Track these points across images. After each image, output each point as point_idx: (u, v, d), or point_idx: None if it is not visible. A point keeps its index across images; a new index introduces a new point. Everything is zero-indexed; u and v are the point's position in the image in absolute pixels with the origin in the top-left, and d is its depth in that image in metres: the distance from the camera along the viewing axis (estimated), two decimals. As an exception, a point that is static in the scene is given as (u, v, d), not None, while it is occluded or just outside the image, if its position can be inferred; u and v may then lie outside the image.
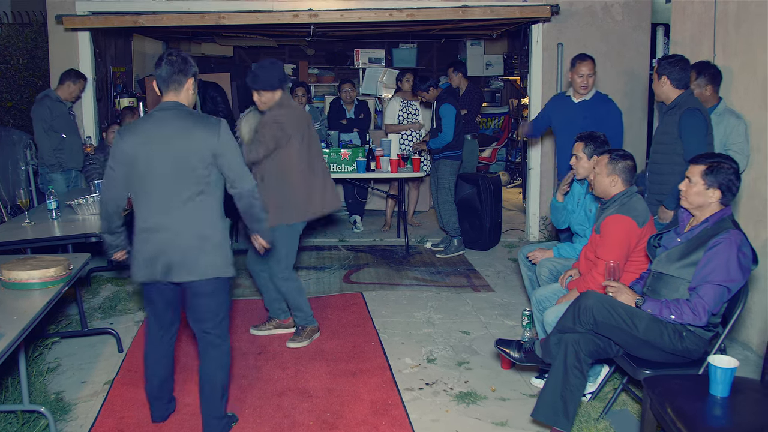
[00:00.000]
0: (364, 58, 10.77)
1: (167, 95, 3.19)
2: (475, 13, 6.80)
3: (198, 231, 3.13)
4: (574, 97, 5.18)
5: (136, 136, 3.11)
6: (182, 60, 3.18)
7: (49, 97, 6.22)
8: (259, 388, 3.94)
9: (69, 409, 3.68)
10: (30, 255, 4.09)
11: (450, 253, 6.75)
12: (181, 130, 3.10)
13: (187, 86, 3.21)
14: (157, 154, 3.08)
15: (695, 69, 4.51)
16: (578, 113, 5.11)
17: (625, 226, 3.64)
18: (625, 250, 3.65)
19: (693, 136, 4.09)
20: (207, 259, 3.14)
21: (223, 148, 3.12)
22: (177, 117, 3.13)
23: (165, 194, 3.11)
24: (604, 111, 5.08)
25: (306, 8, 6.79)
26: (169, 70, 3.15)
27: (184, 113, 3.16)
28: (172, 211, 3.11)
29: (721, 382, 2.69)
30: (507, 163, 11.15)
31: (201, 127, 3.11)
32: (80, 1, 6.87)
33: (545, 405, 3.23)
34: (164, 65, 3.15)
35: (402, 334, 4.76)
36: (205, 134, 3.10)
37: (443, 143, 6.53)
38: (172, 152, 3.07)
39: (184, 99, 3.21)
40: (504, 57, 11.10)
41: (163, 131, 3.10)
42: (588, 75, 5.04)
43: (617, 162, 3.73)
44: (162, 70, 3.16)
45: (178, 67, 3.16)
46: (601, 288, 3.44)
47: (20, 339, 2.92)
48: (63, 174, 6.26)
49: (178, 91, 3.19)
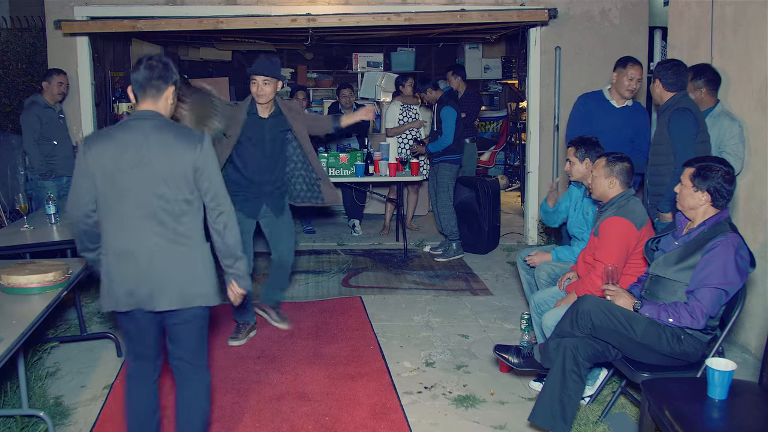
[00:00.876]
0: (362, 62, 10.77)
1: (143, 103, 2.83)
2: (473, 16, 6.82)
3: (180, 256, 2.81)
4: (615, 101, 5.00)
5: (107, 147, 2.75)
6: (163, 65, 2.83)
7: (37, 104, 6.10)
8: (258, 392, 3.94)
9: (68, 414, 3.68)
10: (29, 260, 4.09)
11: (449, 257, 6.76)
12: (160, 144, 2.75)
13: (167, 94, 2.84)
14: (131, 169, 2.73)
15: (692, 71, 4.52)
16: (623, 120, 4.96)
17: (623, 228, 3.64)
18: (624, 252, 3.65)
19: (681, 136, 4.10)
20: (191, 286, 2.84)
21: (203, 163, 2.79)
22: (155, 128, 2.77)
23: (139, 214, 2.76)
24: (642, 118, 5.05)
25: (304, 13, 6.80)
26: (147, 75, 2.80)
27: (163, 124, 2.81)
28: (147, 233, 2.77)
29: (719, 385, 2.69)
30: (505, 166, 11.16)
31: (182, 140, 2.78)
32: (79, 6, 6.88)
33: (543, 409, 3.23)
34: (142, 69, 2.80)
35: (401, 338, 4.76)
36: (186, 149, 2.77)
37: (443, 146, 6.54)
38: (148, 167, 2.73)
39: (162, 108, 2.85)
40: (502, 60, 11.11)
41: (139, 143, 2.73)
42: (638, 80, 4.87)
43: (615, 164, 3.74)
44: (139, 74, 2.80)
45: (158, 73, 2.80)
46: (599, 291, 3.45)
47: (19, 343, 2.92)
48: (54, 181, 6.16)
49: (156, 99, 2.83)
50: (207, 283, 2.89)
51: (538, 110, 7.25)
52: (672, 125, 4.14)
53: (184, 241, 2.82)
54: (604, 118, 4.98)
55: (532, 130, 7.31)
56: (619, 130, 4.89)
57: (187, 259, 2.83)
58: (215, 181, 2.85)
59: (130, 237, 2.78)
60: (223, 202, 2.89)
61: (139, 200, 2.75)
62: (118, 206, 2.77)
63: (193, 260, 2.85)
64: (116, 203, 2.77)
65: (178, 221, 2.80)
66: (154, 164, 2.73)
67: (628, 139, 4.96)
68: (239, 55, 11.79)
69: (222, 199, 2.88)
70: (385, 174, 6.79)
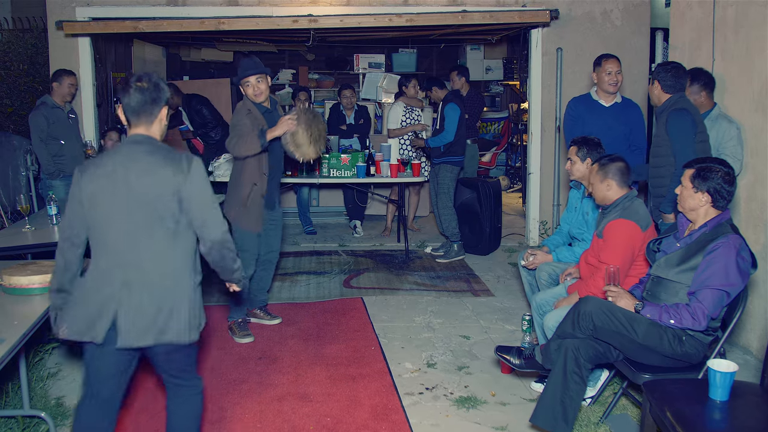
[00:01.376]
0: (363, 63, 10.78)
1: (136, 128, 2.72)
2: (475, 17, 6.82)
3: (162, 288, 2.66)
4: (603, 101, 5.02)
5: (97, 173, 2.66)
6: (154, 86, 2.70)
7: (45, 104, 6.13)
8: (259, 393, 3.94)
9: (69, 415, 3.67)
10: (30, 260, 4.09)
11: (450, 258, 6.76)
12: (148, 169, 2.63)
13: (160, 117, 2.75)
14: (119, 195, 2.62)
15: (689, 75, 4.50)
16: (615, 118, 4.97)
17: (629, 229, 3.64)
18: (629, 254, 3.65)
19: (679, 136, 4.09)
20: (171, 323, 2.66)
21: (190, 190, 2.65)
22: (146, 154, 2.66)
23: (126, 241, 2.64)
24: (635, 115, 5.04)
25: (305, 14, 6.81)
26: (139, 100, 2.68)
27: (155, 148, 2.69)
28: (129, 259, 2.64)
29: (721, 387, 2.69)
30: (507, 167, 11.16)
31: (169, 166, 2.64)
32: (81, 6, 6.89)
33: (544, 410, 3.23)
34: (133, 93, 2.67)
35: (402, 339, 4.76)
36: (173, 174, 2.63)
37: (443, 142, 6.54)
38: (135, 193, 2.62)
39: (155, 131, 2.75)
40: (504, 62, 11.12)
41: (129, 169, 2.63)
42: (617, 72, 4.90)
43: (607, 166, 3.74)
44: (131, 98, 2.68)
45: (150, 96, 2.69)
46: (603, 293, 3.44)
47: (21, 344, 2.93)
48: (63, 180, 6.21)
49: (149, 124, 2.73)
50: (184, 320, 2.69)
51: (539, 111, 7.25)
52: (670, 126, 4.14)
53: (166, 273, 2.67)
54: (596, 118, 4.99)
55: (534, 131, 7.31)
56: (612, 128, 4.89)
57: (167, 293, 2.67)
58: (202, 210, 2.70)
59: (110, 265, 2.65)
60: (208, 233, 2.73)
61: (123, 229, 2.64)
62: (107, 232, 2.66)
63: (174, 295, 2.68)
64: (102, 229, 2.66)
65: (162, 251, 2.67)
66: (142, 189, 2.62)
67: (622, 135, 4.95)
68: (241, 56, 11.79)
69: (207, 230, 2.72)
70: (387, 175, 6.79)
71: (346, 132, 7.75)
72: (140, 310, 2.63)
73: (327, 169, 6.70)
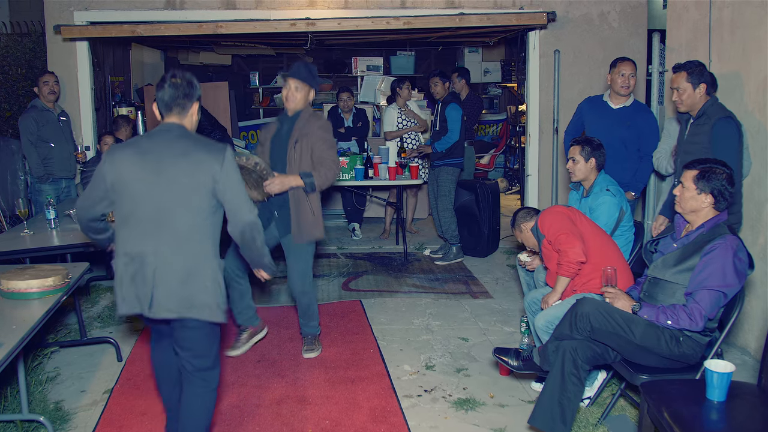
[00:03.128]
0: (362, 66, 10.80)
1: (169, 117, 2.91)
2: (472, 20, 6.84)
3: (189, 265, 2.82)
4: (613, 103, 5.01)
5: (128, 154, 2.82)
6: (187, 83, 2.91)
7: (35, 108, 6.15)
8: (258, 395, 3.95)
9: (68, 419, 3.68)
10: (29, 264, 4.10)
11: (449, 261, 6.76)
12: (181, 153, 2.81)
13: (192, 111, 2.95)
14: (146, 177, 2.78)
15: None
16: (619, 120, 4.94)
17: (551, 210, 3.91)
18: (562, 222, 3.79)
19: (727, 147, 3.90)
20: (197, 298, 2.83)
21: (224, 176, 2.82)
22: (179, 138, 2.86)
23: (155, 221, 2.79)
24: (643, 120, 4.95)
25: (303, 17, 6.82)
26: (172, 94, 2.87)
27: (186, 134, 2.90)
28: (161, 241, 2.80)
29: (718, 387, 2.70)
30: (505, 169, 11.18)
31: (203, 151, 2.82)
32: (78, 11, 6.90)
33: (542, 411, 3.24)
34: (167, 88, 2.88)
35: (401, 341, 4.76)
36: (208, 159, 2.81)
37: (450, 143, 6.49)
38: (167, 176, 2.78)
39: (187, 123, 2.94)
40: (502, 64, 11.15)
41: (161, 152, 2.81)
42: (630, 75, 4.88)
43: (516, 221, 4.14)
44: (164, 93, 2.87)
45: (183, 91, 2.89)
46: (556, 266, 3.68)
47: (19, 348, 2.93)
48: (52, 185, 6.19)
49: (182, 116, 2.92)
50: (211, 296, 2.86)
51: (537, 113, 7.27)
52: (717, 136, 3.93)
53: (193, 252, 2.83)
54: (597, 119, 5.02)
55: (532, 133, 7.33)
56: (613, 131, 4.87)
57: (193, 270, 2.82)
58: (236, 194, 2.86)
59: (143, 243, 2.80)
60: (241, 216, 2.89)
61: (152, 207, 2.79)
62: (132, 212, 2.81)
63: (200, 273, 2.84)
64: (131, 209, 2.81)
65: (190, 231, 2.81)
66: (174, 172, 2.78)
67: (624, 140, 4.90)
68: (239, 60, 11.82)
69: (240, 214, 2.89)
70: (385, 178, 6.80)
71: (345, 135, 7.76)
72: (169, 285, 2.80)
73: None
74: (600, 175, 4.22)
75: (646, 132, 4.94)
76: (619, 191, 4.19)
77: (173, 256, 2.80)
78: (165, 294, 2.80)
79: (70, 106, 6.86)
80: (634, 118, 4.95)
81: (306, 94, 4.26)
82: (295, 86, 4.22)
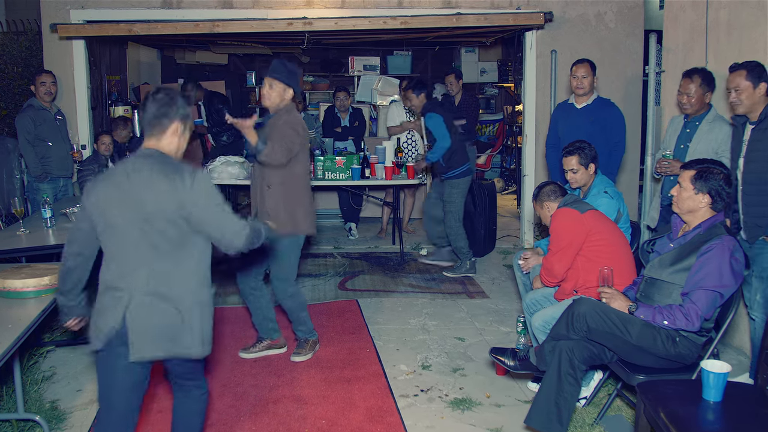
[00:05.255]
0: (358, 65, 10.80)
1: (148, 141, 2.71)
2: (469, 20, 6.83)
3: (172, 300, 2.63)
4: (577, 103, 5.26)
5: (103, 185, 2.66)
6: (168, 99, 2.69)
7: (32, 107, 6.13)
8: (255, 395, 3.94)
9: (64, 418, 3.67)
10: (25, 264, 4.09)
11: (460, 273, 6.39)
12: (149, 184, 2.59)
13: (172, 130, 2.71)
14: (124, 210, 2.60)
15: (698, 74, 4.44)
16: (584, 118, 5.16)
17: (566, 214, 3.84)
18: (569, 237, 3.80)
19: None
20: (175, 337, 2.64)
21: (196, 205, 2.60)
22: (151, 166, 2.62)
23: (133, 252, 2.62)
24: (607, 115, 5.15)
25: (300, 16, 6.81)
26: (150, 111, 2.68)
27: (158, 162, 2.64)
28: (135, 273, 2.61)
29: (714, 387, 2.70)
30: (502, 169, 11.18)
31: (169, 179, 2.59)
32: (75, 9, 6.87)
33: (539, 411, 3.24)
34: (147, 105, 2.69)
35: (397, 341, 4.76)
36: (173, 188, 2.58)
37: (443, 150, 6.06)
38: (139, 208, 2.58)
39: (165, 145, 2.71)
40: (498, 64, 11.15)
41: (133, 182, 2.61)
42: (582, 76, 5.13)
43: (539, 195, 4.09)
44: (145, 111, 2.69)
45: (162, 109, 2.68)
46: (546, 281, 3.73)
47: (15, 347, 2.92)
48: (50, 183, 6.17)
49: (159, 138, 2.70)
50: (195, 334, 2.68)
51: (534, 113, 7.27)
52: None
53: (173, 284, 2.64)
54: (566, 120, 5.33)
55: (528, 133, 7.33)
56: (579, 128, 5.09)
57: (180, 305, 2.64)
58: (219, 218, 2.66)
59: (118, 275, 2.64)
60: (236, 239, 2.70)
61: (130, 238, 2.62)
62: (112, 246, 2.66)
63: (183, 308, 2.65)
64: (109, 241, 2.66)
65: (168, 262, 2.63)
66: (144, 204, 2.59)
67: (591, 135, 4.86)
68: (236, 59, 11.80)
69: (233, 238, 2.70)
70: (382, 177, 6.79)
71: (341, 134, 7.76)
72: (150, 323, 2.61)
73: (322, 172, 6.70)
74: (597, 177, 4.22)
75: (610, 123, 5.14)
76: (616, 193, 4.19)
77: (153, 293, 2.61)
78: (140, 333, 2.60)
79: (66, 104, 6.83)
80: (598, 114, 5.15)
81: (281, 92, 4.20)
82: (269, 84, 4.20)
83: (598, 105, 5.21)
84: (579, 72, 5.15)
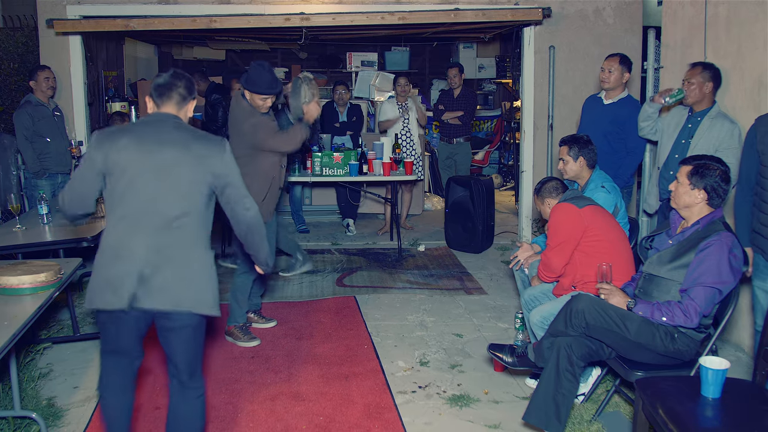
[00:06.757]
0: (356, 61, 10.77)
1: (165, 107, 2.83)
2: (467, 16, 6.81)
3: (181, 256, 2.73)
4: (605, 98, 5.18)
5: (122, 140, 2.70)
6: (188, 80, 2.87)
7: (29, 103, 6.10)
8: (252, 392, 3.93)
9: (61, 415, 3.66)
10: (21, 260, 4.07)
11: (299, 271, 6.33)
12: (178, 143, 2.73)
13: (188, 107, 2.89)
14: (143, 164, 2.68)
15: (702, 66, 4.41)
16: (605, 116, 5.07)
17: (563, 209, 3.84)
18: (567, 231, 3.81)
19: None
20: (190, 290, 2.74)
21: (227, 169, 2.80)
22: (176, 129, 2.77)
23: (146, 210, 2.69)
24: (626, 115, 4.99)
25: (298, 12, 6.79)
26: (172, 82, 2.82)
27: (185, 126, 2.81)
28: (152, 231, 2.69)
29: (713, 384, 2.69)
30: (500, 165, 11.17)
31: (204, 145, 2.77)
32: (71, 5, 6.84)
33: (537, 408, 3.24)
34: (167, 76, 2.83)
35: (395, 337, 4.76)
36: (207, 152, 2.76)
37: None
38: (160, 164, 2.69)
39: (183, 117, 2.87)
40: (496, 60, 11.13)
41: (155, 140, 2.71)
42: (608, 71, 5.02)
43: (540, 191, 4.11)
44: (163, 80, 2.82)
45: (185, 83, 2.85)
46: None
47: (11, 344, 2.90)
48: (48, 179, 6.16)
49: (179, 107, 2.84)
50: (205, 290, 2.79)
51: (532, 109, 7.25)
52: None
53: (189, 243, 2.76)
54: (587, 114, 5.30)
55: (527, 129, 7.31)
56: (596, 125, 5.05)
57: (191, 262, 2.75)
58: (237, 186, 2.85)
59: (132, 232, 2.69)
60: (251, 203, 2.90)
61: (148, 196, 2.69)
62: (125, 199, 2.70)
63: (197, 265, 2.77)
64: (124, 196, 2.70)
65: (184, 222, 2.73)
66: (168, 162, 2.70)
67: (605, 134, 4.97)
68: (233, 54, 11.78)
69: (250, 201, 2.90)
70: (379, 173, 6.78)
71: (339, 129, 7.75)
72: (161, 277, 2.69)
73: (320, 168, 6.68)
74: (595, 172, 4.22)
75: (629, 127, 4.97)
76: (614, 188, 4.19)
77: (166, 248, 2.70)
78: (152, 285, 2.68)
79: (63, 100, 6.81)
80: (619, 114, 5.04)
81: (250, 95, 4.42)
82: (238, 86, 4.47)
83: (623, 105, 5.07)
84: (606, 65, 5.07)
